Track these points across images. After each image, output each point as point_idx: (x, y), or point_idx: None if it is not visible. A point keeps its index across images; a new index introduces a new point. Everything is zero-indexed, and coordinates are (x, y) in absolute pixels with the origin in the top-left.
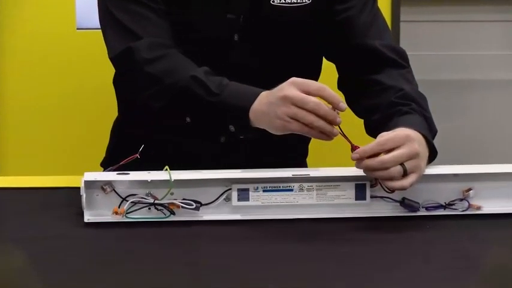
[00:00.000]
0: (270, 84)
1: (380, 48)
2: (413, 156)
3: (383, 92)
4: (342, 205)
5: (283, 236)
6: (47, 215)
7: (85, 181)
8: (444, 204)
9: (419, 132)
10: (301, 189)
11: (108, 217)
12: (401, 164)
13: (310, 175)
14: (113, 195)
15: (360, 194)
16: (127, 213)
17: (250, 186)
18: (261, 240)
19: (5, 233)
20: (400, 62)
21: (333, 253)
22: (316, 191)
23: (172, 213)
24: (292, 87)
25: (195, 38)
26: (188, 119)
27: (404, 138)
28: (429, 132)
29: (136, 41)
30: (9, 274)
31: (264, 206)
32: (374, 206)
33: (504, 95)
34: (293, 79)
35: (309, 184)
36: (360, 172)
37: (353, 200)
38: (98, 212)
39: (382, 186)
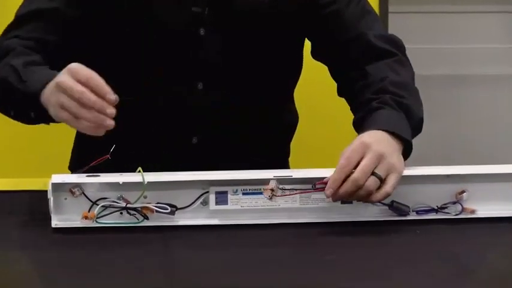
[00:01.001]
0: (245, 85)
1: (371, 39)
2: (380, 158)
3: (365, 89)
4: (327, 209)
5: (263, 243)
6: (9, 220)
7: (52, 183)
8: (436, 207)
9: (382, 130)
10: (283, 192)
11: (78, 222)
12: (373, 173)
13: (293, 176)
14: (82, 198)
15: None
16: (97, 218)
17: (229, 189)
18: (240, 247)
19: None
20: (391, 50)
21: (316, 260)
22: (299, 194)
23: (146, 217)
24: (66, 73)
25: (160, 33)
26: (12, 112)
27: (362, 147)
28: (399, 123)
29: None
30: None
31: (244, 210)
32: (361, 210)
33: (498, 91)
34: (70, 65)
35: (292, 186)
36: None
37: (338, 203)
38: (66, 217)
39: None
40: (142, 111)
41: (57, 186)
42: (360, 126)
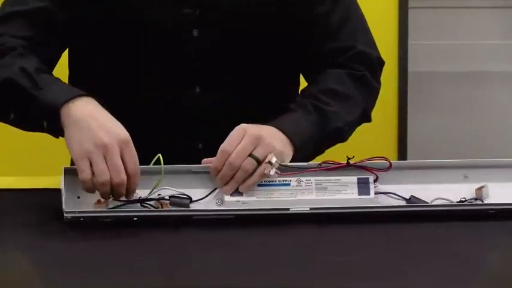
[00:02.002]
0: (242, 86)
1: (338, 54)
2: (256, 140)
3: (301, 92)
4: (344, 201)
5: (278, 239)
6: (19, 218)
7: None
8: (454, 203)
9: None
10: (299, 184)
11: (90, 209)
12: (250, 155)
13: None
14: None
15: (363, 189)
16: (111, 208)
17: None
18: (255, 240)
19: None
20: (351, 65)
21: (329, 260)
22: (315, 185)
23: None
24: (117, 143)
25: (153, 35)
26: (12, 115)
27: (239, 132)
28: (299, 124)
29: None
30: None
31: (259, 201)
32: (378, 203)
33: None
34: (122, 135)
35: (307, 178)
36: (362, 164)
37: (356, 195)
38: (78, 206)
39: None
40: (143, 116)
41: (69, 185)
42: None
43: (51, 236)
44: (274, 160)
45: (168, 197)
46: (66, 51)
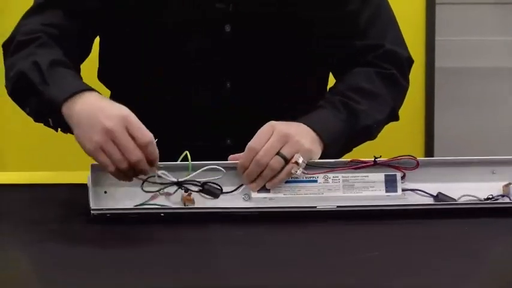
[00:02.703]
0: (273, 83)
1: (367, 53)
2: (284, 138)
3: (331, 89)
4: (371, 197)
5: (305, 236)
6: (47, 213)
7: (92, 177)
8: (482, 200)
9: (306, 124)
10: (326, 181)
11: (117, 206)
12: (278, 153)
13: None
14: (120, 189)
15: (391, 186)
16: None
17: None
18: (280, 237)
19: (2, 234)
20: (380, 64)
21: (357, 257)
22: (342, 182)
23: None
24: (118, 121)
25: (186, 30)
26: (27, 109)
27: (268, 128)
28: (328, 121)
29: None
30: (8, 279)
31: (286, 198)
32: (406, 200)
33: None
34: (123, 112)
35: (335, 175)
36: (390, 163)
37: (383, 192)
38: (105, 202)
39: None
40: (173, 112)
41: (96, 180)
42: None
43: (78, 230)
44: (301, 160)
45: (200, 183)
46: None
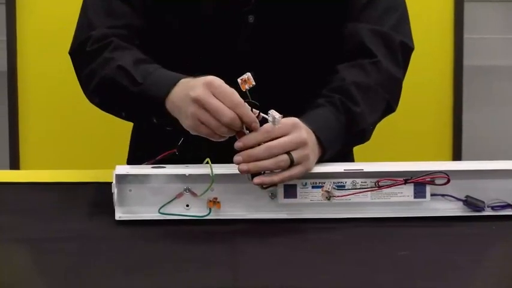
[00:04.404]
0: (298, 73)
1: (362, 36)
2: (301, 144)
3: (327, 84)
4: (400, 203)
5: (333, 239)
6: (73, 212)
7: (116, 175)
8: (510, 203)
9: (315, 135)
10: (354, 186)
11: (142, 214)
12: (288, 153)
13: (364, 170)
14: (146, 190)
15: (419, 192)
16: (161, 208)
17: (298, 182)
18: (308, 243)
19: (26, 233)
20: (374, 53)
21: (388, 256)
22: (370, 188)
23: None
24: (206, 90)
25: (208, 21)
26: (123, 114)
27: (291, 125)
28: (328, 127)
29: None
30: (29, 279)
31: (313, 204)
32: (435, 205)
33: None
34: (208, 79)
35: (363, 180)
36: (419, 168)
37: (412, 198)
38: (130, 209)
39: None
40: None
41: (121, 178)
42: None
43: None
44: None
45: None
46: None
